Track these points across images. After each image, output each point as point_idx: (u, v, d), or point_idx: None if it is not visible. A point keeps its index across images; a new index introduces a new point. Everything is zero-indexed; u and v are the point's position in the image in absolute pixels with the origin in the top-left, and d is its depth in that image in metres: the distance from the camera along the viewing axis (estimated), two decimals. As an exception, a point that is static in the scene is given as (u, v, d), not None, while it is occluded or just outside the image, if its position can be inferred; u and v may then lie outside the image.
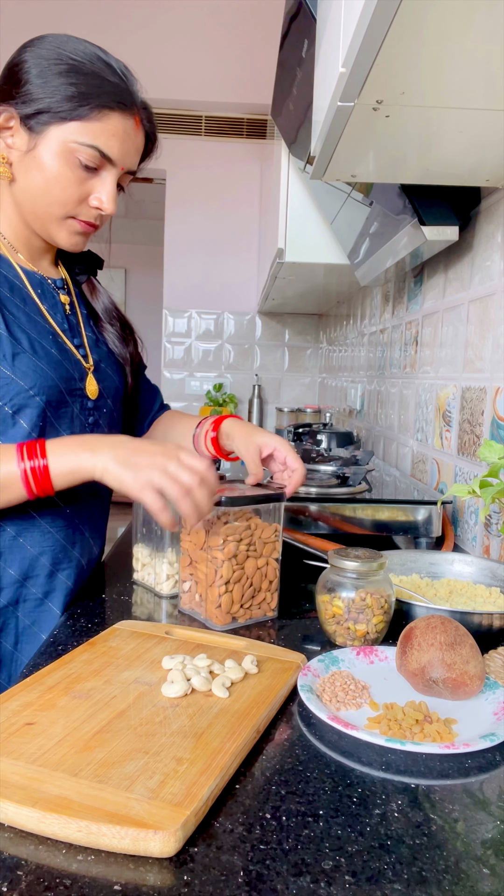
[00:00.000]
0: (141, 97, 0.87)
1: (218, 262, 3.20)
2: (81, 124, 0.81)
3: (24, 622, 0.88)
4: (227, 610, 0.84)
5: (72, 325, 0.94)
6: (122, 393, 1.03)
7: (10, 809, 0.45)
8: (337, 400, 2.78)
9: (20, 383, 0.82)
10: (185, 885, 0.41)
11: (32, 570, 0.88)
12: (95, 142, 0.82)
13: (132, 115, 0.85)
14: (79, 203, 0.86)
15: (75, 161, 0.82)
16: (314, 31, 0.96)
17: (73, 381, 0.90)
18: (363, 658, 0.74)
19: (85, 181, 0.85)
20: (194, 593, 0.88)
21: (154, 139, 0.92)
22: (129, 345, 1.06)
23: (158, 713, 0.59)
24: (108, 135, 0.83)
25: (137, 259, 5.89)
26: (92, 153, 0.82)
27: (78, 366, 0.92)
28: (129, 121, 0.84)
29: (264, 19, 2.83)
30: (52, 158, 0.82)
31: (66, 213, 0.86)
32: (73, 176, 0.83)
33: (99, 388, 0.95)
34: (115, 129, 0.83)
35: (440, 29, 0.63)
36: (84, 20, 2.82)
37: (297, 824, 0.47)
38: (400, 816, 0.48)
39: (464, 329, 1.30)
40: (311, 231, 1.80)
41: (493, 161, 0.98)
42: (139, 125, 0.87)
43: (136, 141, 0.87)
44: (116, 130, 0.83)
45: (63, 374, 0.88)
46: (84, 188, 0.85)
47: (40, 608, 0.89)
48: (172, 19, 2.90)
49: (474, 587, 0.93)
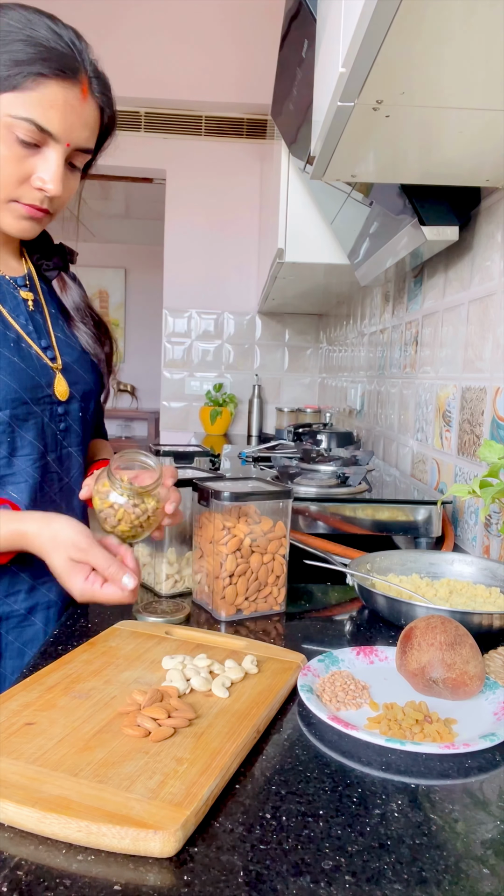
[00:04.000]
0: (93, 64, 0.79)
1: (218, 262, 3.19)
2: (15, 95, 0.73)
3: (7, 639, 0.86)
4: (231, 601, 0.87)
5: (37, 326, 0.88)
6: (95, 393, 0.97)
7: (10, 809, 0.45)
8: (337, 400, 2.78)
9: None
10: (185, 885, 0.41)
11: (13, 586, 0.86)
12: (31, 114, 0.74)
13: (76, 83, 0.76)
14: (20, 184, 0.78)
15: (12, 137, 0.74)
16: (314, 31, 0.96)
17: (39, 389, 0.84)
18: (363, 658, 0.74)
19: (24, 159, 0.76)
20: (204, 584, 0.90)
21: (112, 111, 0.83)
22: (105, 345, 0.99)
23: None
24: (45, 106, 0.74)
25: (137, 259, 5.88)
26: (28, 127, 0.74)
27: (45, 370, 0.86)
28: (72, 90, 0.75)
29: (264, 19, 2.83)
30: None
31: (7, 195, 0.78)
32: (11, 154, 0.75)
33: (70, 390, 0.89)
34: (53, 100, 0.74)
35: (440, 29, 0.63)
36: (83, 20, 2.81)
37: (297, 824, 0.47)
38: (400, 816, 0.48)
39: (464, 329, 1.30)
40: (311, 231, 1.80)
41: (493, 161, 0.98)
42: (87, 95, 0.77)
43: (82, 113, 0.78)
44: (56, 101, 0.74)
45: (27, 384, 0.83)
46: (24, 167, 0.77)
47: (24, 623, 0.88)
48: (172, 19, 2.90)
49: (474, 587, 0.93)
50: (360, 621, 0.90)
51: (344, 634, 0.85)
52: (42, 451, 0.86)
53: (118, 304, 5.93)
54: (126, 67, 2.86)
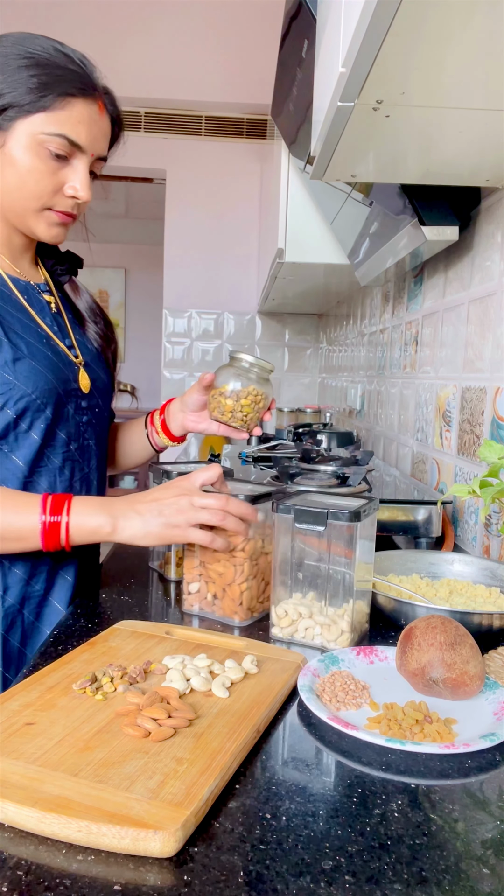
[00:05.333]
0: (102, 83, 0.88)
1: (218, 262, 3.19)
2: (47, 115, 0.82)
3: (28, 619, 0.91)
4: (247, 606, 0.85)
5: (61, 326, 0.96)
6: (110, 389, 1.05)
7: (10, 809, 0.45)
8: (337, 400, 2.78)
9: (23, 388, 0.84)
10: (185, 885, 0.41)
11: (35, 568, 0.90)
12: (62, 130, 0.82)
13: (95, 100, 0.85)
14: (54, 194, 0.86)
15: (45, 152, 0.83)
16: (314, 31, 0.96)
17: (69, 382, 0.92)
18: (363, 658, 0.74)
19: (57, 171, 0.85)
20: (205, 594, 0.88)
21: (120, 123, 0.92)
22: (112, 344, 1.07)
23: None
24: (74, 122, 0.83)
25: (137, 259, 5.88)
26: (61, 142, 0.83)
27: (71, 366, 0.94)
28: (92, 106, 0.85)
29: (264, 19, 2.83)
30: (22, 152, 0.83)
31: (42, 205, 0.86)
32: (46, 167, 0.84)
33: (91, 383, 0.97)
34: (80, 116, 0.83)
35: (440, 29, 0.63)
36: (84, 21, 2.82)
37: (297, 824, 0.47)
38: (400, 816, 0.48)
39: (464, 329, 1.30)
40: (311, 231, 1.80)
41: (493, 161, 0.98)
42: (103, 110, 0.87)
43: (102, 126, 0.87)
44: (82, 117, 0.84)
45: (61, 377, 0.90)
46: (57, 178, 0.85)
47: (44, 605, 0.92)
48: (173, 19, 2.90)
49: (474, 587, 0.93)
50: (360, 621, 0.90)
51: (344, 634, 0.85)
52: (66, 441, 0.92)
53: (118, 304, 5.93)
54: (126, 67, 2.86)
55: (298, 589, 0.81)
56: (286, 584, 0.81)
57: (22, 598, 0.89)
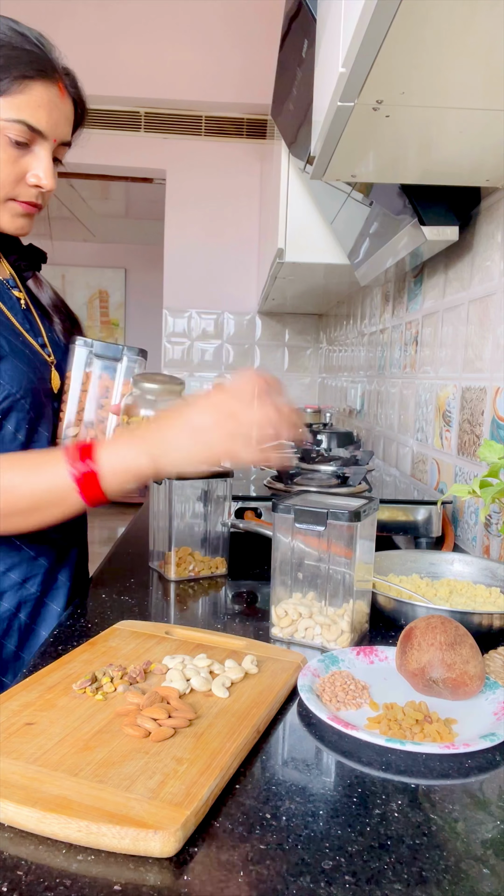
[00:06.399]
0: (62, 63, 0.82)
1: (218, 262, 3.19)
2: (3, 99, 0.77)
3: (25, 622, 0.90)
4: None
5: (32, 324, 0.92)
6: None
7: (10, 809, 0.45)
8: (337, 400, 2.78)
9: (8, 387, 0.82)
10: (185, 885, 0.41)
11: (31, 570, 0.90)
12: (21, 115, 0.77)
13: (55, 81, 0.80)
14: (16, 183, 0.82)
15: (4, 139, 0.78)
16: (314, 31, 0.96)
17: (45, 381, 0.89)
18: (363, 658, 0.74)
19: (18, 159, 0.80)
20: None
21: (83, 104, 0.87)
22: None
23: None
24: (33, 106, 0.78)
25: (137, 259, 5.88)
26: (20, 128, 0.78)
27: (45, 364, 0.91)
28: (52, 89, 0.80)
29: (264, 19, 2.83)
30: None
31: (5, 195, 0.82)
32: (5, 155, 0.79)
33: (61, 384, 0.94)
34: (39, 100, 0.78)
35: (440, 29, 0.63)
36: (83, 20, 2.82)
37: (297, 824, 0.47)
38: (400, 816, 0.48)
39: (464, 329, 1.30)
40: (311, 231, 1.80)
41: (493, 161, 0.98)
42: (64, 92, 0.82)
43: (63, 109, 0.82)
44: (41, 100, 0.79)
45: (38, 375, 0.87)
46: (19, 167, 0.81)
47: (40, 607, 0.91)
48: (172, 19, 2.89)
49: (474, 587, 0.93)
50: (360, 621, 0.90)
51: (344, 634, 0.85)
52: (49, 439, 0.90)
53: (118, 304, 5.93)
54: (126, 67, 2.85)
55: (298, 589, 0.81)
56: (286, 583, 0.81)
57: (18, 603, 0.89)
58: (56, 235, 1.08)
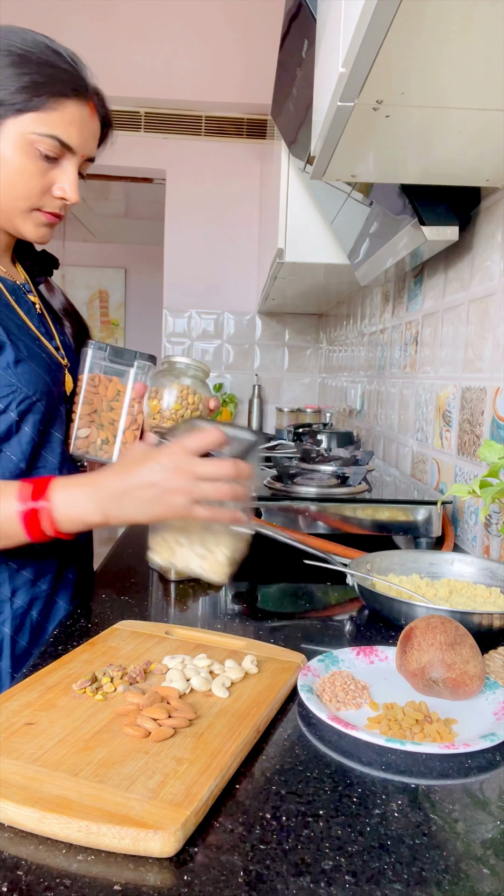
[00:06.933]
0: (93, 83, 0.86)
1: (218, 262, 3.19)
2: (38, 115, 0.80)
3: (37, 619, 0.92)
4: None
5: (46, 328, 0.95)
6: None
7: (10, 809, 0.45)
8: (337, 400, 2.78)
9: (25, 390, 0.84)
10: (185, 885, 0.41)
11: (41, 569, 0.92)
12: (54, 131, 0.81)
13: (87, 101, 0.84)
14: (42, 194, 0.85)
15: (35, 152, 0.81)
16: (314, 31, 0.96)
17: (59, 384, 0.92)
18: (363, 658, 0.74)
19: (47, 172, 0.83)
20: (94, 439, 0.93)
21: (109, 123, 0.91)
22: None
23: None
24: (66, 123, 0.82)
25: (137, 259, 5.88)
26: (52, 143, 0.81)
27: (59, 367, 0.93)
28: (84, 108, 0.83)
29: (264, 19, 2.83)
30: (11, 151, 0.81)
31: (31, 205, 0.85)
32: (35, 167, 0.82)
33: (74, 386, 0.96)
34: (72, 117, 0.82)
35: (440, 29, 0.63)
36: (84, 20, 2.82)
37: (297, 824, 0.47)
38: (400, 816, 0.48)
39: (464, 329, 1.30)
40: (311, 231, 1.80)
41: (493, 161, 0.98)
42: (94, 111, 0.86)
43: (92, 127, 0.86)
44: (74, 118, 0.82)
45: (53, 378, 0.90)
46: (46, 179, 0.84)
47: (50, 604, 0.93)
48: (172, 19, 2.89)
49: (474, 587, 0.93)
50: (360, 621, 0.90)
51: (344, 634, 0.85)
52: (62, 441, 0.92)
53: (118, 304, 5.92)
54: (126, 67, 2.85)
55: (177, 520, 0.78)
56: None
57: (30, 600, 0.90)
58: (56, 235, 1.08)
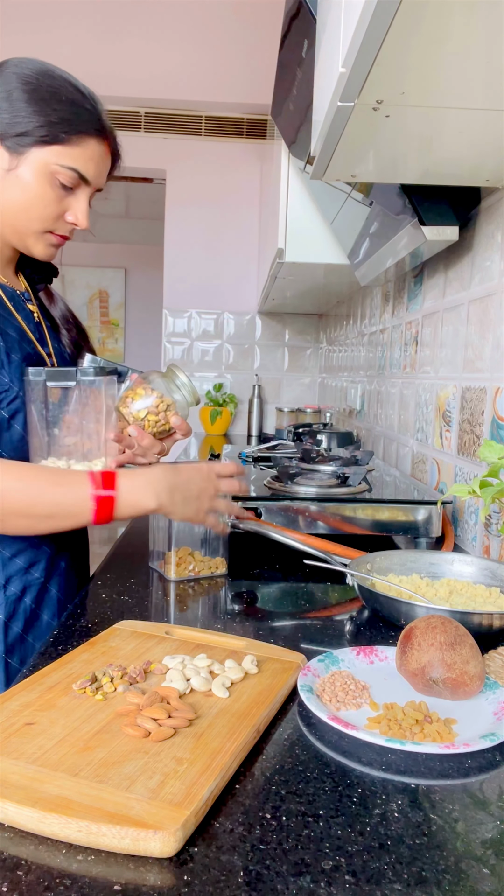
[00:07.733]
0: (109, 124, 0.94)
1: (218, 262, 3.19)
2: (63, 148, 0.87)
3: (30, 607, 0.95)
4: None
5: (41, 335, 1.00)
6: None
7: (10, 809, 0.45)
8: (337, 400, 2.78)
9: (17, 389, 0.89)
10: (185, 885, 0.41)
11: (35, 556, 0.96)
12: (75, 165, 0.88)
13: (105, 140, 0.92)
14: (56, 219, 0.92)
15: (55, 181, 0.88)
16: (314, 31, 0.96)
17: None
18: (363, 658, 0.74)
19: (62, 199, 0.91)
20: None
21: (118, 160, 0.99)
22: (83, 353, 1.10)
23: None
24: (86, 158, 0.89)
25: (137, 259, 5.88)
26: (72, 175, 0.89)
27: None
28: (102, 146, 0.92)
29: (264, 19, 2.83)
30: (33, 178, 0.87)
31: (44, 227, 0.92)
32: (53, 195, 0.89)
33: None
34: (92, 154, 0.90)
35: (440, 29, 0.63)
36: (84, 20, 2.82)
37: (297, 824, 0.47)
38: (400, 816, 0.48)
39: (464, 329, 1.30)
40: (311, 231, 1.80)
41: (493, 161, 0.98)
42: (109, 149, 0.94)
43: (107, 163, 0.94)
44: (94, 155, 0.90)
45: None
46: (61, 205, 0.91)
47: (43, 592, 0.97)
48: (172, 19, 2.89)
49: (474, 587, 0.93)
50: (360, 621, 0.90)
51: (344, 634, 0.85)
52: None
53: (118, 304, 5.92)
54: (126, 67, 2.85)
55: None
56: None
57: (23, 587, 0.94)
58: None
